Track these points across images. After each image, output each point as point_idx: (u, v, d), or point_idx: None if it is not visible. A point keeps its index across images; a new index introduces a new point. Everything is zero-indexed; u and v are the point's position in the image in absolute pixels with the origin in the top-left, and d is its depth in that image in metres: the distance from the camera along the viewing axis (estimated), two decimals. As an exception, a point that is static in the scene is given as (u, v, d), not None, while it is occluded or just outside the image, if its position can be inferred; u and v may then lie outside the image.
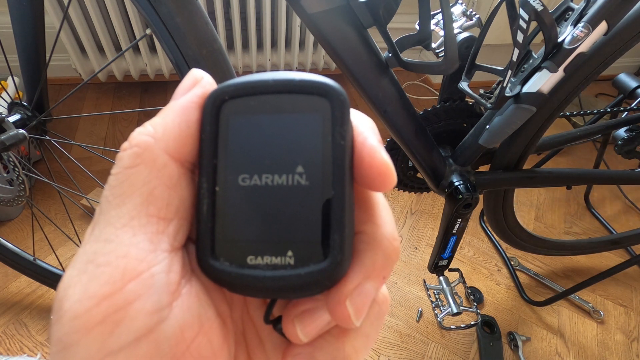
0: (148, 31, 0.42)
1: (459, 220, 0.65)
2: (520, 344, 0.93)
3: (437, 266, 0.77)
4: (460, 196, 0.61)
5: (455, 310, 0.79)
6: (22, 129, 0.56)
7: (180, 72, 0.42)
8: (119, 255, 0.13)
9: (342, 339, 0.16)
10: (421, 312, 0.98)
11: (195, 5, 0.40)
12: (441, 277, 0.82)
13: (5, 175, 0.63)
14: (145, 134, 0.14)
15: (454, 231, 0.68)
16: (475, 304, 0.92)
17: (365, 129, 0.15)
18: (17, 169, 0.60)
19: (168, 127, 0.14)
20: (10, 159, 0.59)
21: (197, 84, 0.16)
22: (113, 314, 0.12)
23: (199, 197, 0.15)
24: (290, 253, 0.14)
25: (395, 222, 0.17)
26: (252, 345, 0.17)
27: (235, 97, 0.15)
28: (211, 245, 0.15)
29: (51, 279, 0.82)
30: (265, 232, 0.15)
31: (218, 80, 0.43)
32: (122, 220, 0.13)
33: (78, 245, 0.90)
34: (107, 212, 0.13)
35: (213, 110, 0.15)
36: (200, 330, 0.14)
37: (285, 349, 0.16)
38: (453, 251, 0.73)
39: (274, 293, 0.15)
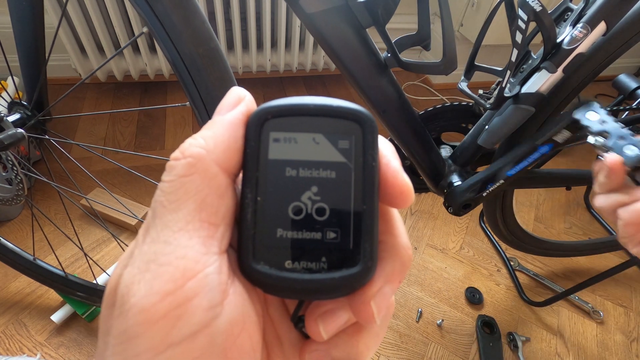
0: (145, 29, 0.42)
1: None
2: (520, 344, 0.93)
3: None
4: (460, 196, 0.61)
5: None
6: (21, 128, 0.56)
7: (177, 71, 0.42)
8: (178, 256, 0.14)
9: (357, 337, 0.17)
10: (421, 312, 0.98)
11: (191, 3, 0.40)
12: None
13: (4, 174, 0.63)
14: (197, 145, 0.15)
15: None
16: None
17: (388, 152, 0.17)
18: (15, 168, 0.60)
19: (218, 140, 0.16)
20: (9, 158, 0.60)
21: (242, 102, 0.17)
22: (175, 309, 0.13)
23: (242, 206, 0.16)
24: (324, 258, 0.16)
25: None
26: (271, 343, 0.18)
27: (277, 116, 0.17)
28: (252, 250, 0.16)
29: (51, 279, 0.82)
30: (301, 239, 0.16)
31: (215, 78, 0.43)
32: (178, 224, 0.14)
33: (78, 246, 0.90)
34: (162, 216, 0.15)
35: (257, 127, 0.17)
36: (243, 326, 0.15)
37: (303, 347, 0.18)
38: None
39: (309, 294, 0.16)
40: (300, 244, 0.16)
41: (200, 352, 0.14)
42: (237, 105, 0.17)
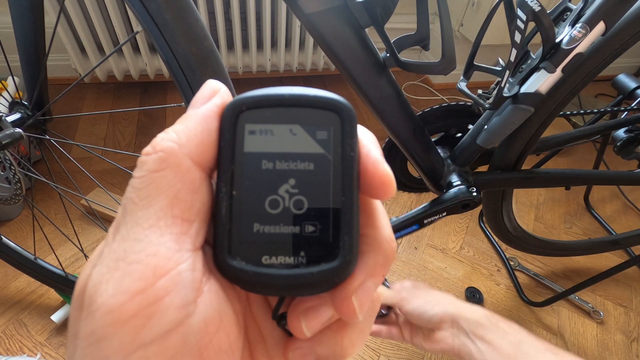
0: (139, 28, 0.42)
1: (442, 215, 0.62)
2: (519, 344, 0.93)
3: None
4: (459, 196, 0.61)
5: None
6: (20, 127, 0.56)
7: (171, 70, 0.42)
8: (149, 253, 0.14)
9: (341, 333, 0.17)
10: (420, 312, 0.98)
11: (185, 1, 0.40)
12: None
13: (2, 173, 0.63)
14: (169, 140, 0.15)
15: (424, 222, 0.63)
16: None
17: (368, 142, 0.17)
18: (13, 167, 0.61)
19: (191, 134, 0.15)
20: (7, 157, 0.60)
21: (216, 94, 0.16)
22: (145, 308, 0.13)
23: (217, 200, 0.16)
24: (302, 253, 0.15)
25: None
26: (254, 341, 0.18)
27: (253, 108, 0.16)
28: (228, 246, 0.15)
29: (52, 279, 0.82)
30: (278, 234, 0.16)
31: (209, 77, 0.43)
32: (149, 221, 0.14)
33: (77, 246, 0.90)
34: (133, 212, 0.14)
35: (232, 119, 0.16)
36: (220, 325, 0.15)
37: (286, 344, 0.17)
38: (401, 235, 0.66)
39: (288, 290, 0.16)
40: (278, 238, 0.16)
41: (173, 352, 0.13)
42: (211, 97, 0.16)
